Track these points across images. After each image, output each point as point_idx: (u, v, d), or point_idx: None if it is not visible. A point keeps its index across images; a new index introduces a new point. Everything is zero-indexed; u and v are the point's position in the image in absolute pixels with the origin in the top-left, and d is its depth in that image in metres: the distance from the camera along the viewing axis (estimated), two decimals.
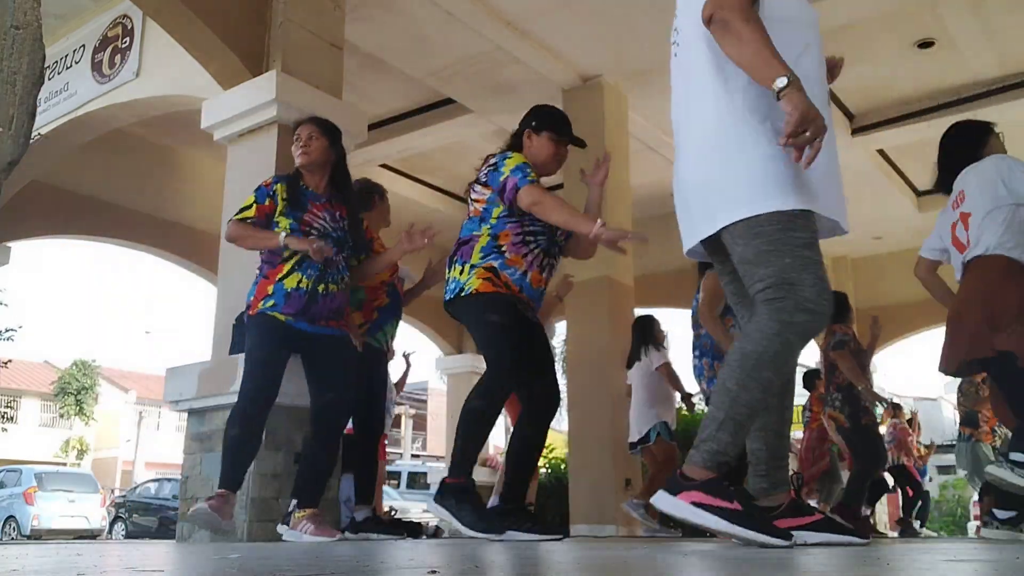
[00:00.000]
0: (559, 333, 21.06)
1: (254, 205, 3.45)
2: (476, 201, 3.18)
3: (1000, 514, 3.18)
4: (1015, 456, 2.96)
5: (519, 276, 3.09)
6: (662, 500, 2.01)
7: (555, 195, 3.07)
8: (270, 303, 3.39)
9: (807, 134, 1.88)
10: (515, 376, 3.06)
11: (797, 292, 2.02)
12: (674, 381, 5.72)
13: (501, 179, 3.08)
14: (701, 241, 2.27)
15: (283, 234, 3.34)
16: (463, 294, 3.06)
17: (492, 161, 3.17)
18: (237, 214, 3.46)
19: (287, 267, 3.41)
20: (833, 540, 2.11)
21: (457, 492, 2.94)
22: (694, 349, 4.94)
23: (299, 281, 3.39)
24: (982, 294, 3.12)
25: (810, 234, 2.07)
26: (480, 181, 3.18)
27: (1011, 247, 3.09)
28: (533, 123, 3.26)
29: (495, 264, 3.07)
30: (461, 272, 3.11)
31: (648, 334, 5.84)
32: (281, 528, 3.42)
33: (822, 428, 6.82)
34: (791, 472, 3.97)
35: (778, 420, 2.28)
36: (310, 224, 3.45)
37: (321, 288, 3.43)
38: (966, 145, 3.36)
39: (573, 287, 5.08)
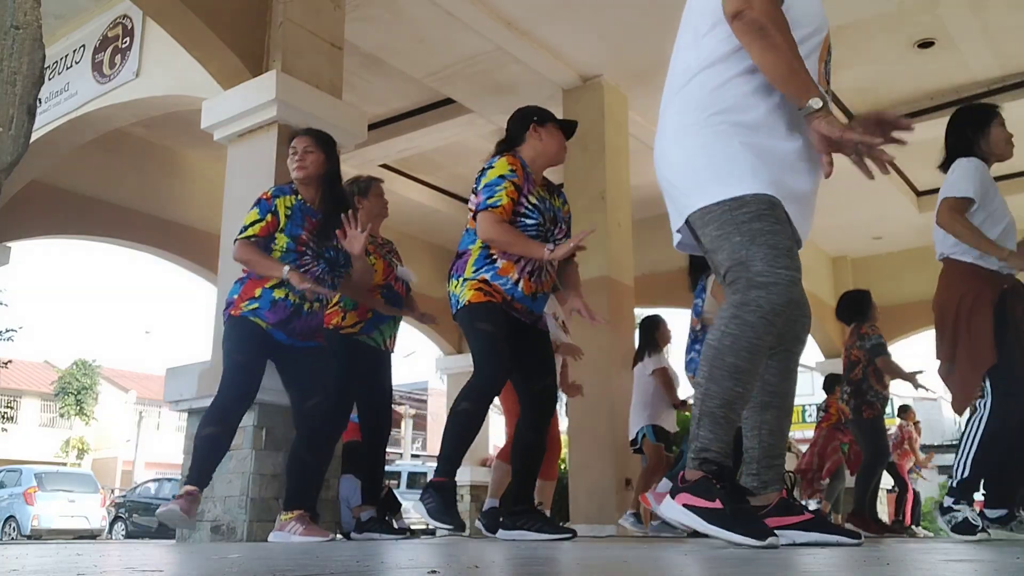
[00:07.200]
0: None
1: (258, 223, 3.41)
2: (471, 211, 3.21)
3: (990, 513, 3.15)
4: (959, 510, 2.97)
5: (511, 285, 3.15)
6: (665, 507, 2.02)
7: (507, 227, 3.10)
8: (253, 306, 3.39)
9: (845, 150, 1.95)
10: (502, 379, 3.13)
11: (749, 268, 1.99)
12: (668, 387, 5.66)
13: (477, 190, 3.16)
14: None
15: (286, 268, 3.34)
16: (460, 307, 3.16)
17: (482, 168, 3.22)
18: (242, 232, 3.43)
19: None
20: (822, 540, 2.07)
21: (439, 490, 3.03)
22: (694, 343, 4.94)
23: (287, 294, 3.41)
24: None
25: (758, 207, 2.02)
26: (474, 190, 3.21)
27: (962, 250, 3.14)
28: (535, 117, 3.28)
29: (487, 276, 3.15)
30: (457, 286, 3.19)
31: (648, 337, 5.86)
32: (273, 535, 3.40)
33: (831, 428, 6.88)
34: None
35: (775, 417, 2.23)
36: (307, 244, 3.46)
37: (307, 307, 3.46)
38: (962, 132, 3.30)
39: (580, 391, 5.13)
